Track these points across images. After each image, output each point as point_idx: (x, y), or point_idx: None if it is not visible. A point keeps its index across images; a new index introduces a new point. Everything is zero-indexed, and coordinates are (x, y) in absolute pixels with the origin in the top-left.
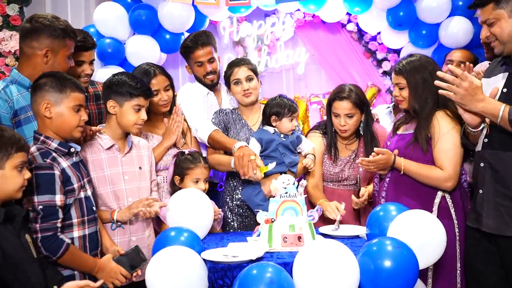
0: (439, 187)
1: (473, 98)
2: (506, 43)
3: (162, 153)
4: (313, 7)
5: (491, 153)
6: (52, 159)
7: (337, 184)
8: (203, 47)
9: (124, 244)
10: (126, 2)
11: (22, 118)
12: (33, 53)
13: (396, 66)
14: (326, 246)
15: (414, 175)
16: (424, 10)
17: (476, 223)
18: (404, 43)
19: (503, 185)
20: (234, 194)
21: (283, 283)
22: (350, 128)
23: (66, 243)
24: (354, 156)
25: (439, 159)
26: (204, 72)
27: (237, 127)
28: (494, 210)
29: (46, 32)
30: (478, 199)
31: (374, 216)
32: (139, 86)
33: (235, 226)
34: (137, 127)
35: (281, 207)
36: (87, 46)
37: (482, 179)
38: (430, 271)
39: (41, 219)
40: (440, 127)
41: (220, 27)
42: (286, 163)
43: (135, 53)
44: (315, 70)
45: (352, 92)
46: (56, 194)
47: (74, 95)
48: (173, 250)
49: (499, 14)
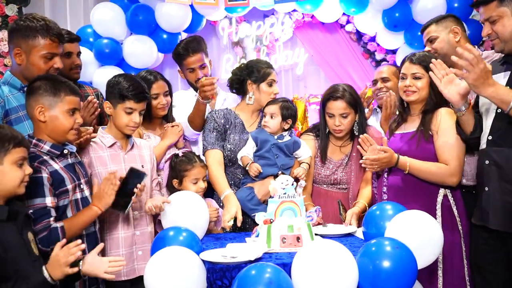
0: (444, 183)
1: (485, 81)
2: (507, 41)
3: (163, 152)
4: (309, 7)
5: (496, 150)
6: (40, 162)
7: (330, 186)
8: (194, 54)
9: (127, 238)
10: (123, 2)
11: (13, 118)
12: (12, 53)
13: (411, 56)
14: (324, 247)
15: (418, 172)
16: (419, 11)
17: (482, 221)
18: (399, 44)
19: (509, 182)
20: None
21: (281, 283)
22: (345, 128)
23: (60, 227)
24: (347, 159)
25: (443, 154)
26: (195, 78)
27: (234, 128)
28: (501, 207)
29: (17, 32)
30: (484, 196)
31: (371, 215)
32: (132, 89)
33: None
34: (129, 129)
35: (280, 208)
36: (72, 38)
37: (488, 176)
38: (440, 270)
39: (34, 222)
40: (443, 123)
41: (219, 27)
42: (278, 165)
43: (132, 53)
44: (314, 71)
45: (346, 91)
46: (46, 196)
47: (69, 98)
48: (172, 251)
49: (503, 12)
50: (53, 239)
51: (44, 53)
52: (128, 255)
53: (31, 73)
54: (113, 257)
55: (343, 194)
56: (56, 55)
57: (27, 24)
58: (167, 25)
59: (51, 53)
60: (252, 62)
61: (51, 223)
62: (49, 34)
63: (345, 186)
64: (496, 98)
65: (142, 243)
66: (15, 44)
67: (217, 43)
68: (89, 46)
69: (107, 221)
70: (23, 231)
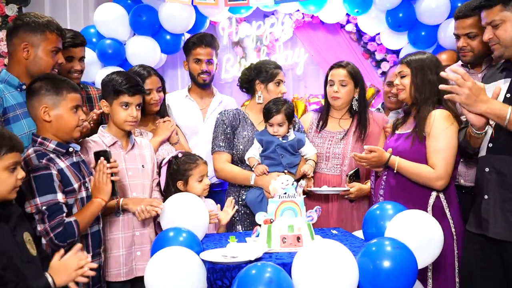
0: (430, 186)
1: (477, 98)
2: (508, 46)
3: (155, 149)
4: (313, 8)
5: (497, 158)
6: (48, 159)
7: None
8: (205, 47)
9: (127, 238)
10: (127, 2)
11: (11, 116)
12: (15, 49)
13: (403, 58)
14: (325, 247)
15: (406, 173)
16: (423, 11)
17: (480, 229)
18: (403, 44)
19: (510, 191)
20: (240, 194)
21: (282, 283)
22: (342, 97)
23: (74, 221)
24: (344, 135)
25: (431, 158)
26: (199, 70)
27: (244, 127)
28: (501, 216)
29: (24, 27)
30: (484, 205)
31: (371, 215)
32: (125, 83)
33: (238, 228)
34: (128, 124)
35: (280, 208)
36: (75, 42)
37: (487, 184)
38: (429, 271)
39: (48, 217)
40: (435, 125)
41: (220, 27)
42: (283, 164)
43: (135, 54)
44: (314, 71)
45: (350, 64)
46: (57, 192)
47: (71, 96)
48: (172, 251)
49: (506, 16)
50: (68, 233)
51: (52, 48)
52: (127, 255)
53: (38, 67)
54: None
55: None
56: (60, 50)
57: (34, 20)
58: (170, 26)
59: (58, 47)
60: (260, 63)
61: (64, 219)
62: (55, 29)
63: (338, 163)
64: (491, 114)
65: (141, 243)
66: (21, 39)
67: None
68: (92, 46)
69: (108, 221)
70: (16, 232)
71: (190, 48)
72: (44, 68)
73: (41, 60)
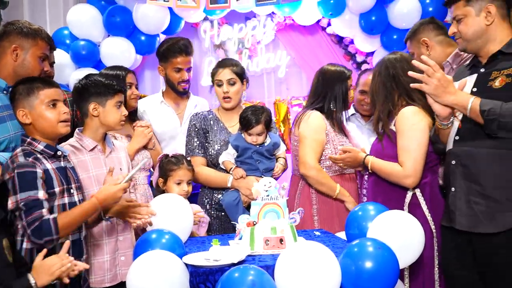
0: (401, 184)
1: (445, 90)
2: (469, 41)
3: (132, 155)
4: (288, 10)
5: (462, 150)
6: (35, 158)
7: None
8: (187, 56)
9: (111, 243)
10: (101, 3)
11: None
12: (3, 52)
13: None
14: (307, 248)
15: (379, 172)
16: (395, 15)
17: (449, 221)
18: (376, 47)
19: (475, 182)
20: (213, 197)
21: (265, 285)
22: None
23: (52, 219)
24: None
25: (400, 156)
26: (179, 79)
27: (216, 130)
28: (466, 207)
29: (16, 31)
30: (451, 197)
31: (353, 216)
32: (115, 83)
33: (214, 228)
34: (121, 124)
35: (263, 210)
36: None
37: (454, 177)
38: (406, 270)
39: (25, 213)
40: (403, 123)
41: (201, 30)
42: (260, 170)
43: (110, 55)
44: (296, 73)
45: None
46: (38, 190)
47: (44, 92)
48: (154, 255)
49: (468, 11)
50: (44, 230)
51: (41, 53)
52: (111, 261)
53: (25, 70)
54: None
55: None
56: (47, 57)
57: (27, 26)
58: (145, 27)
59: (45, 54)
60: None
61: (43, 214)
62: (45, 37)
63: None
64: (458, 105)
65: (125, 248)
66: (12, 42)
67: (199, 45)
68: (66, 48)
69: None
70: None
71: (169, 56)
72: (31, 72)
73: (29, 63)
